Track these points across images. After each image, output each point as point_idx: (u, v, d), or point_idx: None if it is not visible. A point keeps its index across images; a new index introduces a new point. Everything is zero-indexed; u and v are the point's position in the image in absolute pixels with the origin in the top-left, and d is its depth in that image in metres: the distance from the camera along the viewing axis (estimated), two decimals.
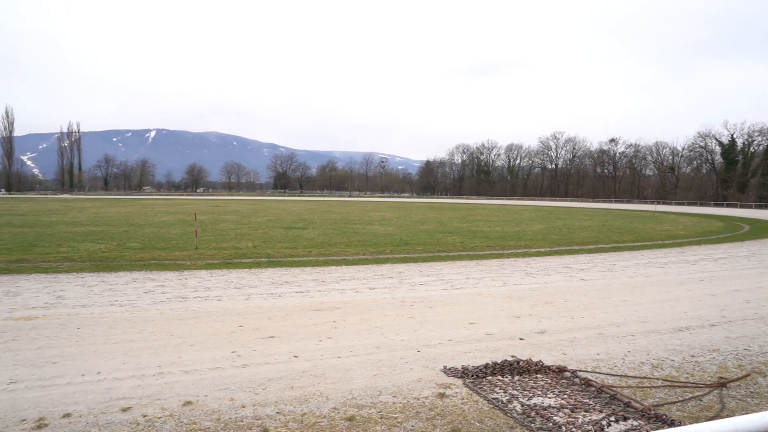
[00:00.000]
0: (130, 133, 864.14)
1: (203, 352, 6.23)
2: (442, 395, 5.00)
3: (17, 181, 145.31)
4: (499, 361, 5.93)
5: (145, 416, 4.30)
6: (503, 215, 43.08)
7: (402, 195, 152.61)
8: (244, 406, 4.57)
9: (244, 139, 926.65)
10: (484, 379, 5.41)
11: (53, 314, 8.40)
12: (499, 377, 5.49)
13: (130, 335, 7.04)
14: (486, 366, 5.77)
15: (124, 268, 13.68)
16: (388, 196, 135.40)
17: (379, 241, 20.60)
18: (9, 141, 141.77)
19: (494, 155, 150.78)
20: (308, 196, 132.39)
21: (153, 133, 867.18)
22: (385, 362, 5.94)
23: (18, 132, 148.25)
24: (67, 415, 4.27)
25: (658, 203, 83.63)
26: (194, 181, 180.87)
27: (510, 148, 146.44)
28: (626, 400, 4.84)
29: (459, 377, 5.48)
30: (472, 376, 5.50)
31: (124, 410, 4.39)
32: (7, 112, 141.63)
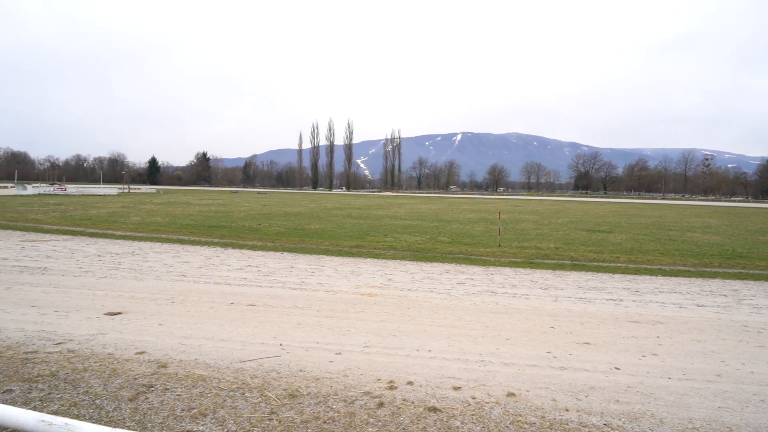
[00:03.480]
0: (439, 137, 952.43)
1: (519, 347, 6.39)
2: None
3: (354, 180, 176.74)
4: None
5: (474, 398, 4.64)
6: None
7: (733, 198, 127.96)
8: (567, 410, 4.49)
9: (544, 139, 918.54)
10: None
11: (388, 294, 9.83)
12: None
13: (451, 321, 7.72)
14: None
15: (437, 259, 15.07)
16: (712, 200, 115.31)
17: (703, 251, 17.69)
18: (349, 148, 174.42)
19: None
20: (613, 197, 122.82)
21: (459, 137, 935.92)
22: (731, 395, 5.03)
23: (355, 140, 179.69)
24: (410, 383, 4.93)
25: None
26: (495, 180, 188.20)
27: None
28: None
29: None
30: None
31: (455, 388, 4.83)
32: (348, 124, 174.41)
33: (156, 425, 3.92)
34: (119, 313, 7.72)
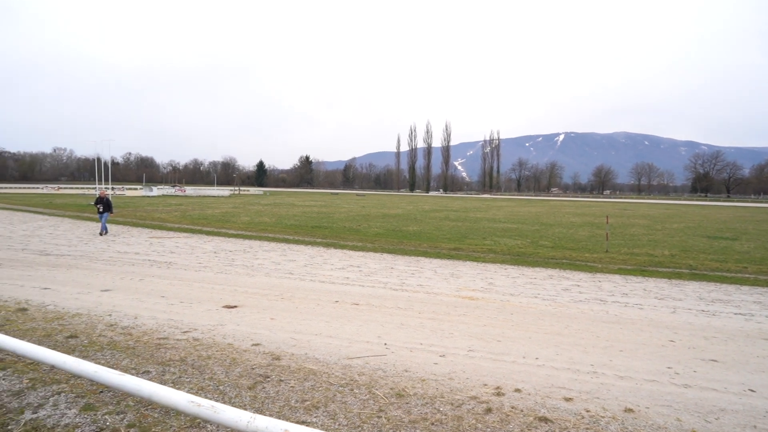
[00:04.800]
0: (540, 138, 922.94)
1: (634, 360, 5.98)
2: None
3: (451, 182, 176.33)
4: None
5: (587, 411, 4.41)
6: None
7: None
8: None
9: (657, 138, 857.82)
10: None
11: (489, 298, 9.65)
12: None
13: (557, 329, 7.41)
14: None
15: (539, 264, 14.56)
16: None
17: None
18: (447, 150, 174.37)
19: None
20: (737, 201, 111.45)
21: (561, 137, 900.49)
22: None
23: (453, 142, 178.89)
24: (517, 390, 4.80)
25: None
26: (600, 183, 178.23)
27: None
28: None
29: None
30: None
31: (566, 399, 4.62)
32: (446, 126, 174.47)
33: (273, 414, 4.15)
34: (235, 307, 8.27)
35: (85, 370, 2.27)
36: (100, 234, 19.74)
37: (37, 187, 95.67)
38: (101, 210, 20.20)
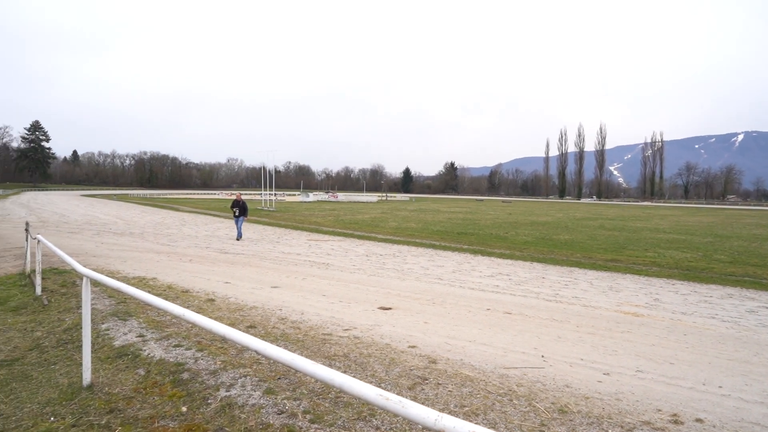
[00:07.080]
0: (713, 139, 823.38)
1: None
2: None
3: (606, 189, 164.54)
4: None
5: None
6: None
7: None
8: None
9: None
10: None
11: (656, 315, 8.83)
12: None
13: (744, 356, 6.53)
14: None
15: (714, 280, 12.99)
16: None
17: None
18: (601, 154, 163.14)
19: None
20: None
21: (740, 137, 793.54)
22: None
23: (608, 145, 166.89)
24: (699, 420, 4.32)
25: None
26: None
27: None
28: None
29: None
30: None
31: None
32: (600, 128, 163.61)
33: None
34: (390, 309, 8.61)
35: (283, 357, 2.55)
36: (237, 239, 19.76)
37: (214, 193, 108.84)
38: (237, 214, 20.39)
